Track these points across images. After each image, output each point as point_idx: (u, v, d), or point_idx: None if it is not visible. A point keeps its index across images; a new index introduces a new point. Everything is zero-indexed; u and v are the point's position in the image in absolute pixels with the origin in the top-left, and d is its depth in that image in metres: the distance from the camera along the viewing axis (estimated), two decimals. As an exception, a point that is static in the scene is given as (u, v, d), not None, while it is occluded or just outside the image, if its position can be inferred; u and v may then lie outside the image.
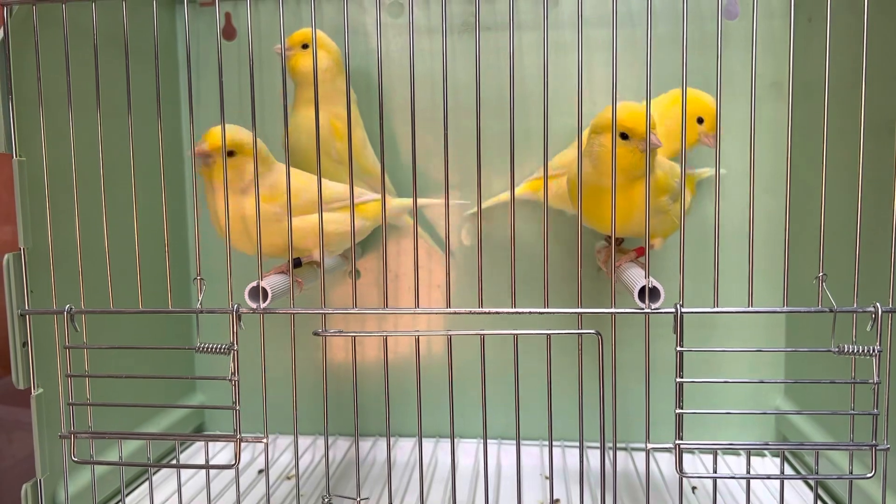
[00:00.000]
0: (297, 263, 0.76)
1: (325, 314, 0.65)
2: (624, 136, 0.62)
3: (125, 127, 0.64)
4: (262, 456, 0.91)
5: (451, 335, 0.64)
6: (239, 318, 0.63)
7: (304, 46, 0.80)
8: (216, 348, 0.63)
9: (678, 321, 0.59)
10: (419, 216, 0.93)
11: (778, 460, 0.87)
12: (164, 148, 0.66)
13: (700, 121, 0.75)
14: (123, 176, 0.66)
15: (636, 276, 0.64)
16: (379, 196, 0.75)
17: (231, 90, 0.95)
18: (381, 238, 0.85)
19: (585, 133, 0.67)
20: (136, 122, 0.65)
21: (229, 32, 0.96)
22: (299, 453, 0.90)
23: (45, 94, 0.65)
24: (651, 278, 0.61)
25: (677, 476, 0.61)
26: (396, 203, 0.81)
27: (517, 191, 0.83)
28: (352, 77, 0.87)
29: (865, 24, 0.57)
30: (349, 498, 0.74)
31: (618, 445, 0.89)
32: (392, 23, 0.93)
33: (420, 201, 0.85)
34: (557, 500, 0.78)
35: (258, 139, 0.66)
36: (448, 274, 0.63)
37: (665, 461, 0.86)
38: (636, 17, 0.88)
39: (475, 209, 0.88)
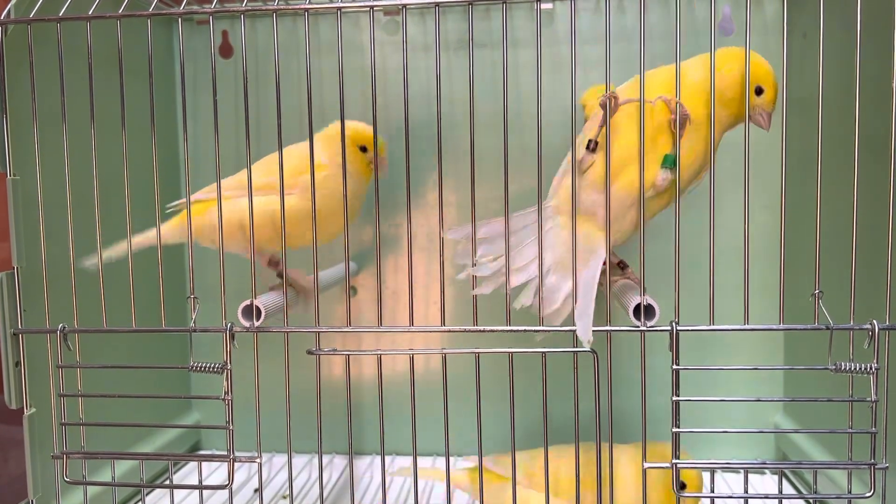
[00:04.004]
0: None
1: (318, 332, 0.65)
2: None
3: (121, 145, 0.64)
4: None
5: (445, 353, 0.63)
6: (232, 336, 0.63)
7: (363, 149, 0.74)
8: (209, 367, 0.63)
9: (674, 339, 0.58)
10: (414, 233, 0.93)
11: (777, 476, 0.87)
12: (161, 165, 0.66)
13: (759, 91, 0.62)
14: (118, 194, 0.66)
15: (632, 294, 0.63)
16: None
17: (229, 107, 0.95)
18: (382, 255, 0.84)
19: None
20: (133, 140, 0.65)
21: (226, 50, 0.97)
22: (296, 472, 0.90)
23: (40, 113, 0.65)
24: (646, 296, 0.60)
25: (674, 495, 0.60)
26: None
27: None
28: (348, 93, 0.87)
29: (858, 39, 0.57)
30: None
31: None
32: (389, 40, 0.94)
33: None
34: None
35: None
36: (442, 291, 0.63)
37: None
38: (631, 32, 0.88)
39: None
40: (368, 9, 0.62)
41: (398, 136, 0.93)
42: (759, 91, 0.62)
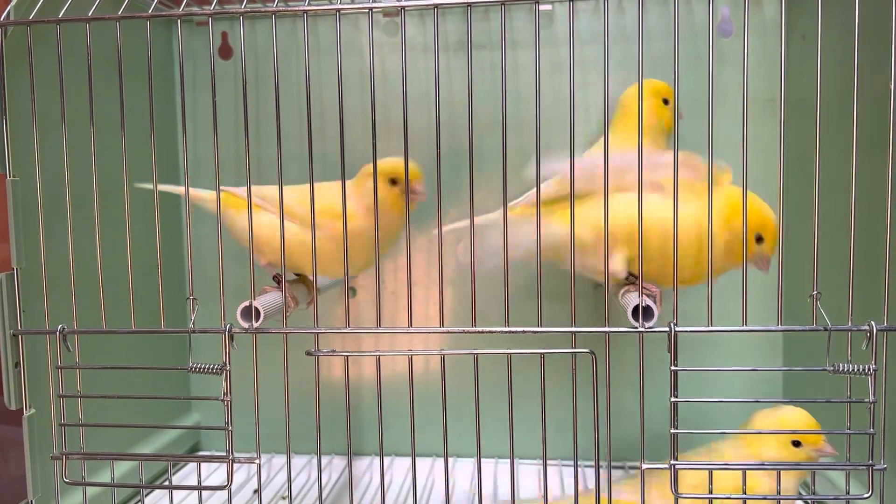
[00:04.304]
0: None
1: (317, 333, 0.65)
2: None
3: (120, 146, 0.64)
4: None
5: (444, 354, 0.64)
6: (231, 337, 0.63)
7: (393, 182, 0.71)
8: (208, 368, 0.63)
9: (672, 340, 0.59)
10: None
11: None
12: (162, 166, 0.66)
13: (759, 239, 0.63)
14: (118, 195, 0.66)
15: (630, 295, 0.64)
16: None
17: (229, 109, 0.95)
18: (382, 256, 0.85)
19: None
20: (132, 141, 0.65)
21: (226, 51, 0.97)
22: (296, 473, 0.91)
23: (39, 114, 0.65)
24: (644, 297, 0.61)
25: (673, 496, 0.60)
26: None
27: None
28: (347, 95, 0.87)
29: (857, 41, 0.57)
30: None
31: (615, 464, 0.88)
32: (388, 41, 0.94)
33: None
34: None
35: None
36: (441, 292, 0.63)
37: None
38: (630, 34, 0.88)
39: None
40: (367, 10, 0.62)
41: (398, 137, 0.93)
42: (759, 239, 0.63)
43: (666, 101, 0.80)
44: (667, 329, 0.59)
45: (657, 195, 0.63)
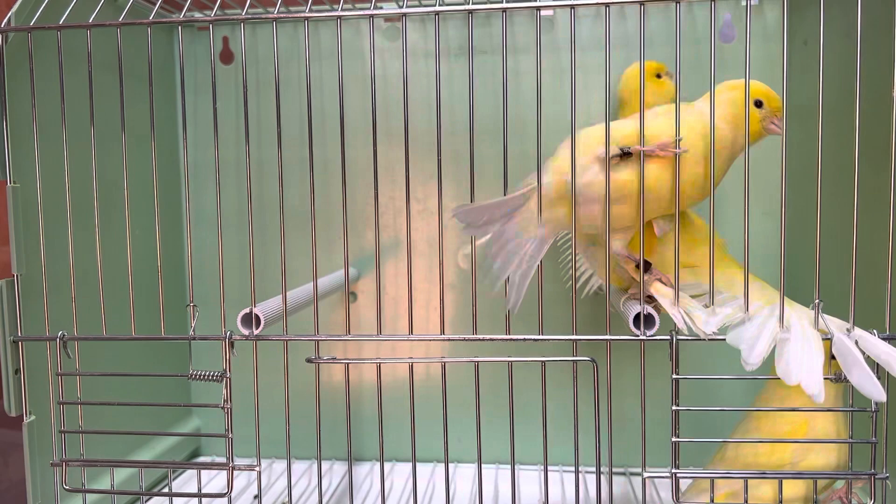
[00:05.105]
0: None
1: (318, 341, 0.65)
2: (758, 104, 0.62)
3: (121, 151, 0.64)
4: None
5: (444, 362, 0.63)
6: (232, 345, 0.63)
7: None
8: (209, 375, 0.63)
9: (673, 348, 0.58)
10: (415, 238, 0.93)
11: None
12: (163, 172, 0.66)
13: (759, 104, 0.63)
14: (119, 201, 0.66)
15: (632, 303, 0.63)
16: None
17: (230, 113, 0.95)
18: (383, 260, 0.85)
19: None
20: (133, 146, 0.65)
21: (227, 56, 0.97)
22: (296, 479, 0.90)
23: (40, 120, 0.65)
24: (646, 305, 0.60)
25: (674, 504, 0.60)
26: None
27: None
28: (348, 99, 0.87)
29: (858, 47, 0.56)
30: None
31: (618, 471, 0.88)
32: (389, 46, 0.94)
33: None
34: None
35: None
36: (442, 300, 0.63)
37: (665, 487, 0.85)
38: (632, 39, 0.88)
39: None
40: (368, 17, 0.62)
41: (398, 142, 0.93)
42: (758, 104, 0.62)
43: (659, 76, 0.81)
44: (668, 337, 0.59)
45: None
